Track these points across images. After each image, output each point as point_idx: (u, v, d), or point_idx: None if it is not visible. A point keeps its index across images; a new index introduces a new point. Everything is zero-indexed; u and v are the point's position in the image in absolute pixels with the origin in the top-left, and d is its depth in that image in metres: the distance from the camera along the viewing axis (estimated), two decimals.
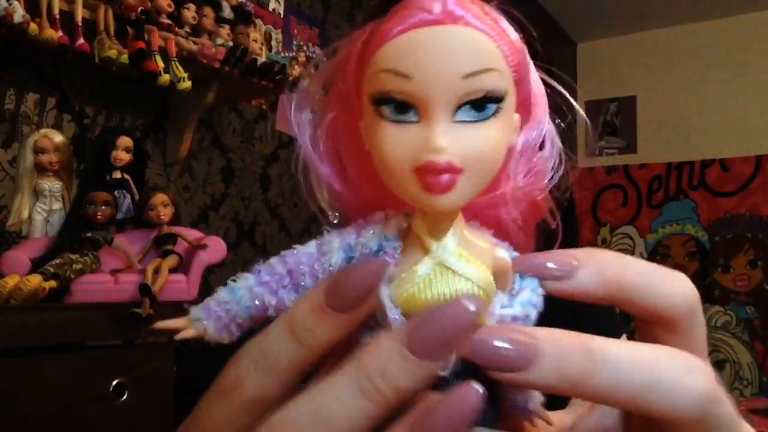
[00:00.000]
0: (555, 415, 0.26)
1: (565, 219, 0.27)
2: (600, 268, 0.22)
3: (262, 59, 1.60)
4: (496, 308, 0.22)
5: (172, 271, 1.22)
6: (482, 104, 0.20)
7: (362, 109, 0.21)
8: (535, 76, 0.22)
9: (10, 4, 1.10)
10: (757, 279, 3.21)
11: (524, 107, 0.22)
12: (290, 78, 1.71)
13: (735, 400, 0.22)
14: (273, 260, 0.23)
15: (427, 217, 0.21)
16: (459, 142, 0.20)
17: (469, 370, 0.21)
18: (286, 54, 2.02)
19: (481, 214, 0.23)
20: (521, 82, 0.21)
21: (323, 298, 0.21)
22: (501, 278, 0.22)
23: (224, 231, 1.85)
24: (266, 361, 0.21)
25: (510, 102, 0.21)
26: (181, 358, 1.09)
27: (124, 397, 1.00)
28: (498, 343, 0.20)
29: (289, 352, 0.21)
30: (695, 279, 3.30)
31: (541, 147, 0.24)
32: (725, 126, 3.36)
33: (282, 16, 2.01)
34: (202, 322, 0.23)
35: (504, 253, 0.22)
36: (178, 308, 1.14)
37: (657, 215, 3.48)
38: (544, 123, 0.23)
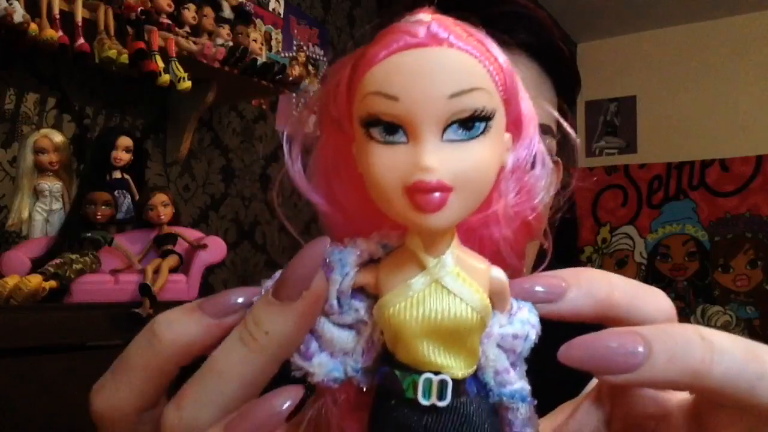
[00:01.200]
0: None
1: (565, 219, 0.27)
2: (589, 289, 0.23)
3: (262, 59, 1.60)
4: (494, 328, 0.22)
5: (172, 271, 1.22)
6: (470, 123, 0.20)
7: (353, 132, 0.21)
8: (524, 96, 0.23)
9: (10, 4, 1.10)
10: (757, 279, 3.21)
11: (515, 126, 0.23)
12: (290, 78, 1.71)
13: None
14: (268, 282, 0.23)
15: (423, 235, 0.21)
16: (448, 161, 0.20)
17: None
18: (286, 54, 2.02)
19: (474, 235, 0.23)
20: (510, 102, 0.21)
21: (271, 291, 0.22)
22: (498, 298, 0.22)
23: (224, 231, 1.85)
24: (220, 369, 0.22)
25: (499, 121, 0.21)
26: None
27: None
28: (603, 346, 0.20)
29: (242, 359, 0.22)
30: (695, 279, 3.29)
31: (533, 166, 0.24)
32: (725, 126, 3.36)
33: (282, 16, 2.01)
34: None
35: (501, 273, 0.22)
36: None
37: (657, 215, 3.48)
38: (534, 141, 0.23)
